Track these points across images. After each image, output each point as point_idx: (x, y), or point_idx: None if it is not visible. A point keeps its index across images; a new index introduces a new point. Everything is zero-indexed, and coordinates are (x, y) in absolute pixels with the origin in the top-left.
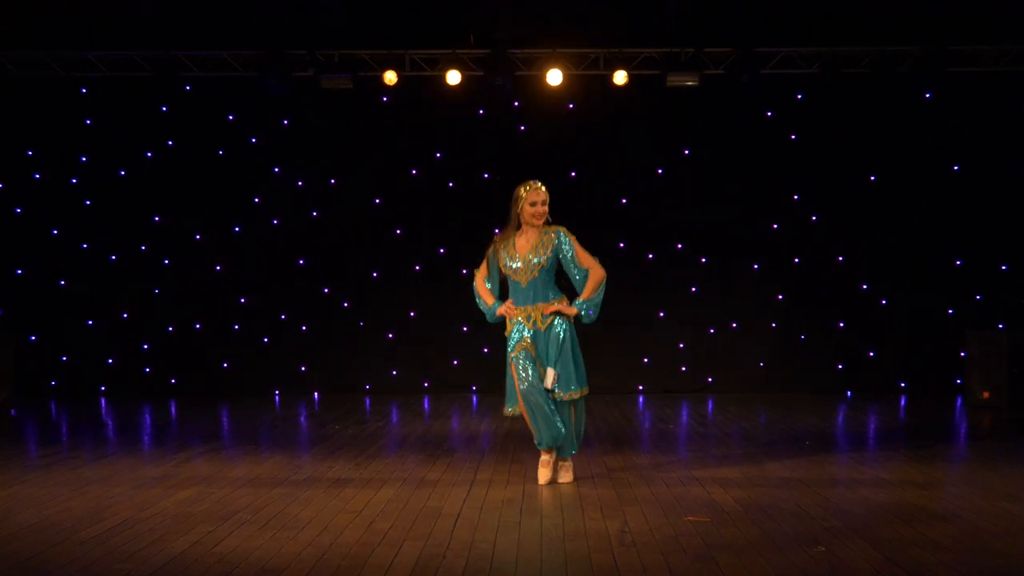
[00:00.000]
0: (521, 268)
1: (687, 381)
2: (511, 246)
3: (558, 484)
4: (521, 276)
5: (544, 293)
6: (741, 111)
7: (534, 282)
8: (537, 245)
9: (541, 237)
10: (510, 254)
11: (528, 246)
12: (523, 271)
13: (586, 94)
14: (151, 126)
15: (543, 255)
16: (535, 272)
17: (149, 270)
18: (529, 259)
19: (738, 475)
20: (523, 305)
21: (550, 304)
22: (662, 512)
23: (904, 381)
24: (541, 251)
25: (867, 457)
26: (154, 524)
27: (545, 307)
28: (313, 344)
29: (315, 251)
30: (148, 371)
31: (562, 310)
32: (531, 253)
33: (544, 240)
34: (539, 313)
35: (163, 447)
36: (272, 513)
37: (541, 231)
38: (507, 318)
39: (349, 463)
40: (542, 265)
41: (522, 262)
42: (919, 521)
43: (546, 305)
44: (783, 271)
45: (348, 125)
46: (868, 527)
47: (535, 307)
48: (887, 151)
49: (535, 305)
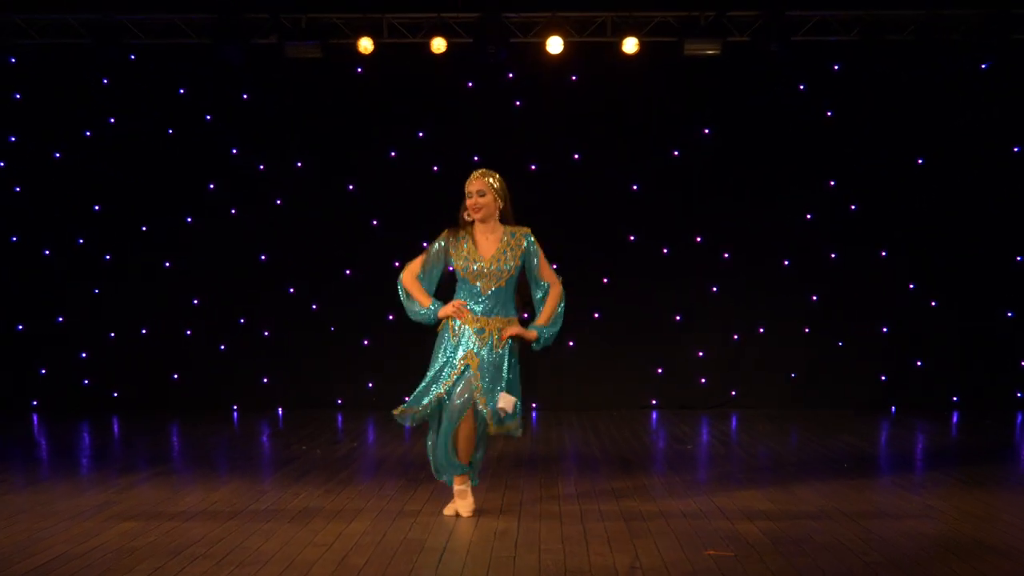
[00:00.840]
0: (486, 272)
1: (707, 395)
2: (470, 242)
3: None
4: (485, 281)
5: (505, 307)
6: (769, 84)
7: (498, 292)
8: (505, 248)
9: (508, 239)
10: (469, 253)
11: (493, 247)
12: (488, 276)
13: (591, 64)
14: (90, 101)
15: (513, 261)
16: (503, 280)
17: (87, 267)
18: (497, 263)
19: (766, 503)
20: (482, 315)
21: (508, 326)
22: (678, 545)
23: (957, 395)
24: (511, 256)
25: (914, 483)
26: (93, 560)
27: (504, 327)
28: (277, 352)
29: (279, 245)
30: (87, 383)
31: (522, 334)
32: (499, 256)
33: (512, 243)
34: (495, 328)
35: (104, 471)
36: (229, 547)
37: (508, 231)
38: (449, 320)
39: (318, 489)
40: (511, 273)
41: (487, 264)
42: (974, 557)
43: (503, 322)
44: (818, 268)
45: (316, 100)
46: (915, 563)
47: (492, 320)
48: (937, 130)
49: (493, 318)
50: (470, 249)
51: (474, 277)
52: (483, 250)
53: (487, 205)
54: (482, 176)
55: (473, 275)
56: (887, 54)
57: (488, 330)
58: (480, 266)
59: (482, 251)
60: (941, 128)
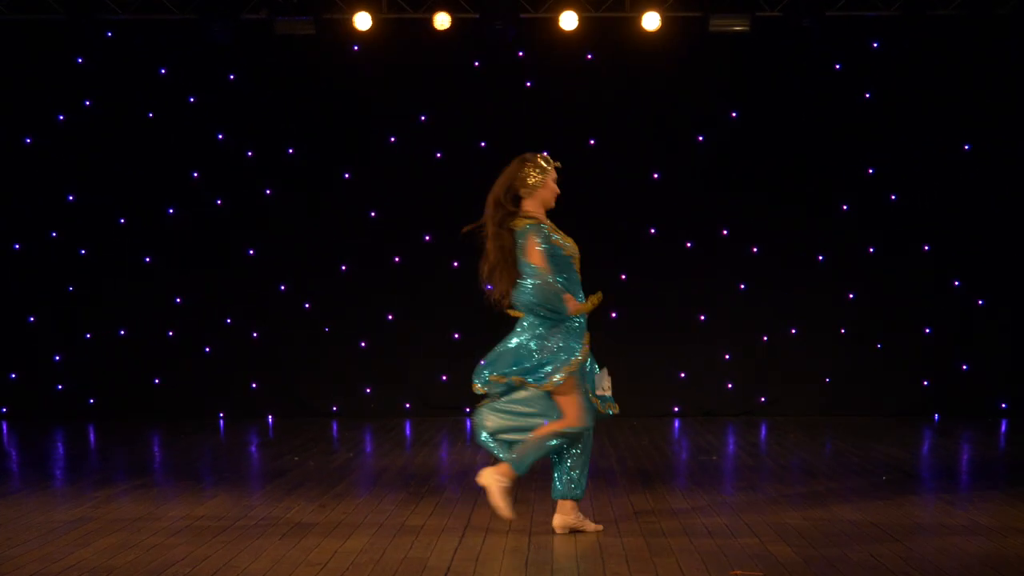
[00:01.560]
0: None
1: (734, 401)
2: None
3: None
4: (578, 264)
5: None
6: (802, 63)
7: None
8: None
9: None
10: (564, 241)
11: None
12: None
13: (608, 42)
14: (64, 82)
15: None
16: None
17: (61, 262)
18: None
19: (798, 519)
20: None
21: None
22: (703, 565)
23: (1006, 402)
24: None
25: (959, 497)
26: None
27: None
28: (266, 355)
29: (268, 239)
30: (61, 389)
31: None
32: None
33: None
34: None
35: (79, 483)
36: (216, 566)
37: None
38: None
39: (311, 503)
40: None
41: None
42: None
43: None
44: (855, 264)
45: (309, 81)
46: None
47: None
48: (984, 114)
49: None
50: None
51: (577, 262)
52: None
53: None
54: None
55: (578, 261)
56: (930, 30)
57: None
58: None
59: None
60: (989, 111)
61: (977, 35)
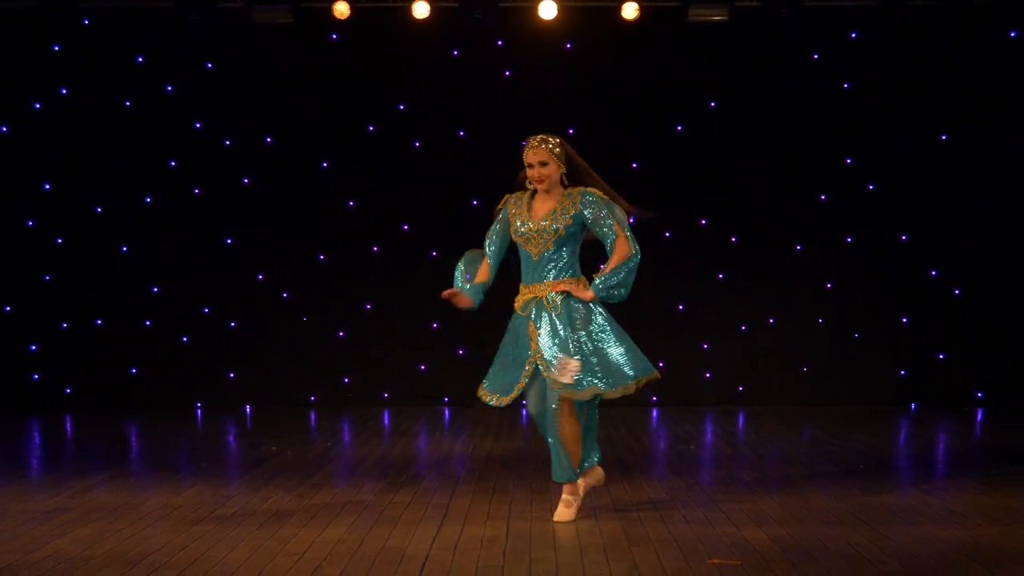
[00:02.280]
0: (533, 235)
1: (712, 391)
2: (524, 207)
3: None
4: (532, 246)
5: (563, 270)
6: (780, 53)
7: (547, 256)
8: (556, 210)
9: (563, 199)
10: (522, 216)
11: (545, 209)
12: (535, 239)
13: (587, 31)
14: (39, 70)
15: (563, 221)
16: (550, 242)
17: (37, 251)
18: (544, 223)
19: (775, 508)
20: (531, 283)
21: (559, 283)
22: (681, 554)
23: (982, 391)
24: (560, 217)
25: (935, 485)
26: (44, 570)
27: (553, 285)
28: (244, 345)
29: (246, 228)
30: (37, 379)
31: (573, 291)
32: (548, 218)
33: (566, 203)
34: (545, 295)
35: (56, 473)
36: (193, 556)
37: (564, 192)
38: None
39: (289, 493)
40: (559, 234)
41: (535, 226)
42: (998, 565)
43: (551, 285)
44: (832, 254)
45: (288, 70)
46: (935, 572)
47: (541, 286)
48: (962, 104)
49: (542, 284)
50: (523, 213)
51: (524, 241)
52: (535, 212)
53: (551, 175)
54: (540, 144)
55: (523, 239)
56: (908, 21)
57: (539, 298)
58: (528, 228)
59: (534, 213)
60: (966, 102)
61: (954, 25)
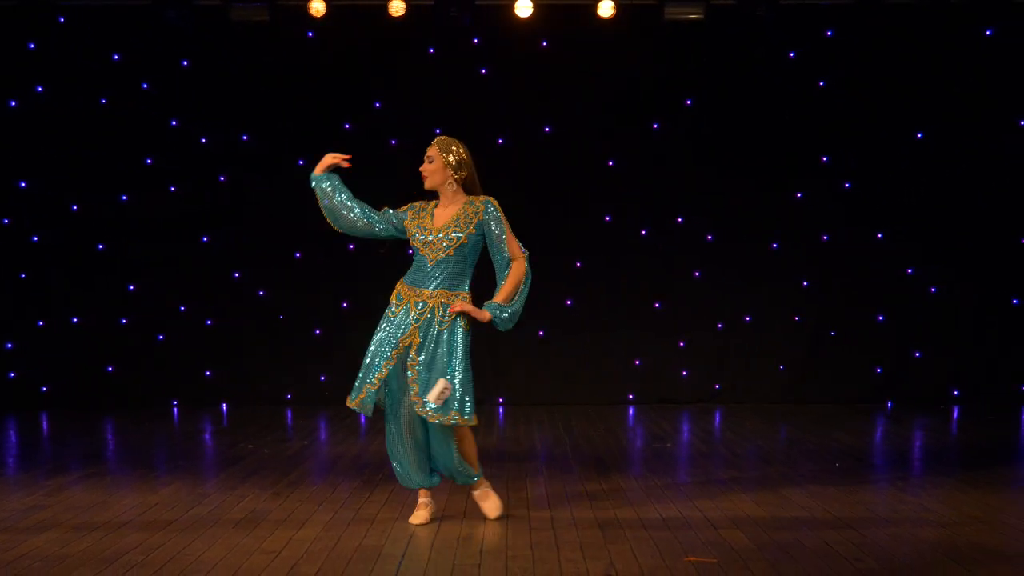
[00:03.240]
0: (433, 242)
1: (688, 389)
2: (428, 216)
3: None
4: (431, 251)
5: (454, 280)
6: (756, 51)
7: (446, 263)
8: (459, 217)
9: (465, 208)
10: (423, 223)
11: (447, 217)
12: (435, 246)
13: (563, 29)
14: (15, 67)
15: (465, 230)
16: (450, 250)
17: (13, 249)
18: (446, 231)
19: (751, 506)
20: (420, 287)
21: (455, 300)
22: (657, 552)
23: (958, 389)
24: (463, 225)
25: (911, 483)
26: (20, 569)
27: (450, 302)
28: (220, 343)
29: (222, 226)
30: (12, 377)
31: (471, 312)
32: (450, 225)
33: (468, 211)
34: (438, 303)
35: (32, 472)
36: (169, 554)
37: (466, 201)
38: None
39: (265, 492)
40: (461, 242)
41: (435, 233)
42: (975, 562)
43: (448, 296)
44: (809, 252)
45: (264, 68)
46: (912, 570)
47: (436, 293)
48: (938, 102)
49: (436, 291)
50: (425, 220)
51: (422, 247)
52: (437, 220)
53: (434, 172)
54: (435, 143)
55: (421, 245)
56: (884, 19)
57: (431, 304)
58: (428, 237)
59: (436, 221)
60: (942, 100)
61: (931, 23)
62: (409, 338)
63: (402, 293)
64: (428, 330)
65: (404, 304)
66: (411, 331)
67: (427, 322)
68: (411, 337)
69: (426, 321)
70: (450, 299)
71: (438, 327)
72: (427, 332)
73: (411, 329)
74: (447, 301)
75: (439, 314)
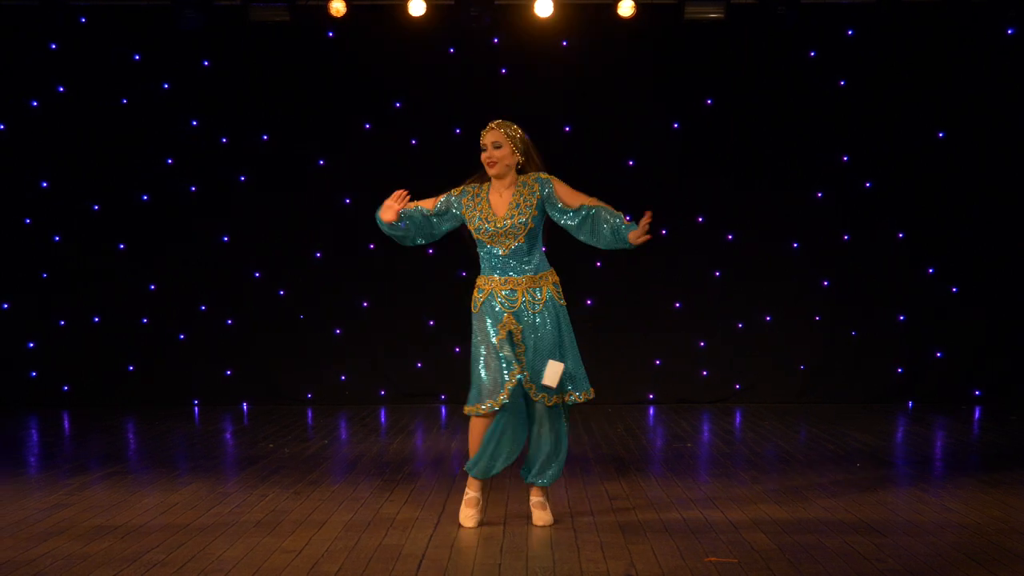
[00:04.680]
0: (501, 232)
1: (709, 389)
2: (484, 203)
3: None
4: (501, 242)
5: (532, 260)
6: (777, 51)
7: (519, 249)
8: (518, 202)
9: (520, 190)
10: (483, 213)
11: (505, 204)
12: (503, 236)
13: (584, 29)
14: (36, 68)
15: (528, 212)
16: (520, 237)
17: (35, 249)
18: (512, 220)
19: (772, 506)
20: (499, 275)
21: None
22: (677, 552)
23: (980, 389)
24: (525, 208)
25: (932, 484)
26: (41, 568)
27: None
28: (241, 343)
29: (243, 226)
30: (34, 376)
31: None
32: (513, 212)
33: (525, 193)
34: (527, 288)
35: (53, 471)
36: (190, 554)
37: (518, 183)
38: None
39: (286, 491)
40: (529, 227)
41: (502, 224)
42: (997, 564)
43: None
44: (829, 251)
45: (284, 68)
46: (933, 571)
47: (523, 279)
48: (959, 102)
49: (523, 277)
50: (483, 209)
51: (490, 238)
52: (496, 208)
53: (503, 158)
54: (498, 127)
55: (489, 236)
56: (905, 18)
57: (520, 291)
58: (493, 227)
59: (496, 209)
60: (963, 99)
61: (951, 22)
62: (507, 327)
63: (484, 287)
64: (523, 316)
65: (493, 297)
66: (506, 319)
67: (521, 309)
68: (509, 326)
69: (520, 308)
70: (537, 281)
71: (532, 310)
72: (523, 318)
73: (506, 318)
74: (535, 285)
75: (528, 299)
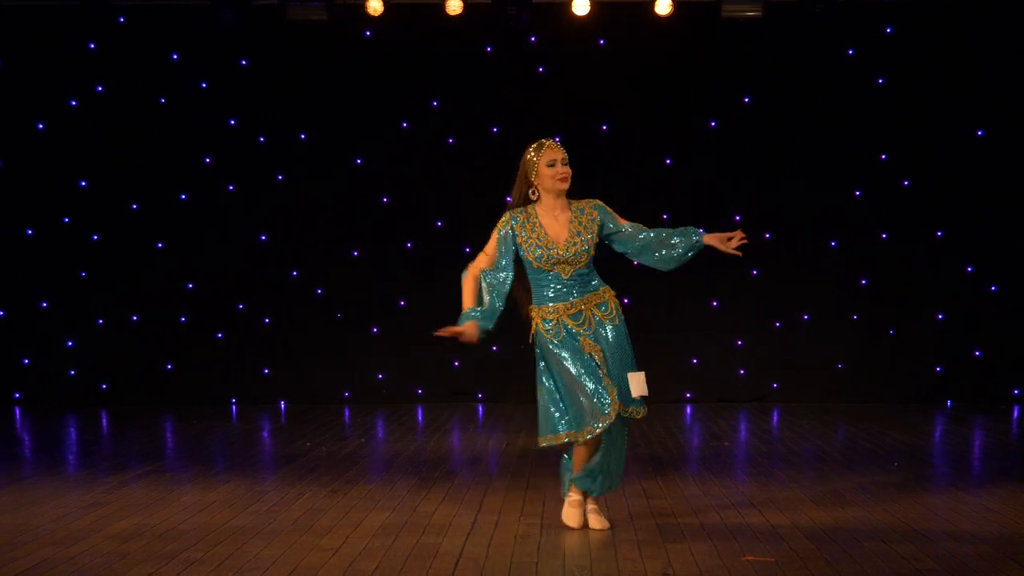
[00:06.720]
0: (566, 259)
1: (746, 388)
2: (539, 228)
3: None
4: (563, 268)
5: (590, 282)
6: (815, 49)
7: (580, 273)
8: (578, 228)
9: (578, 216)
10: (542, 240)
11: (564, 229)
12: (567, 262)
13: (621, 27)
14: (76, 67)
15: (591, 240)
16: (583, 261)
17: (73, 248)
18: (574, 246)
19: (810, 505)
20: (562, 301)
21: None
22: (715, 551)
23: (1018, 388)
24: (586, 234)
25: (971, 483)
26: (80, 565)
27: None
28: (278, 341)
29: (281, 225)
30: (73, 374)
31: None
32: (575, 240)
33: (584, 220)
34: (592, 306)
35: (92, 469)
36: (228, 552)
37: (575, 207)
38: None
39: (323, 489)
40: (591, 254)
41: (563, 250)
42: None
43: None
44: (867, 250)
45: (322, 67)
46: (972, 571)
47: (585, 299)
48: (998, 99)
49: (584, 297)
50: (540, 234)
51: (551, 265)
52: (554, 234)
53: (570, 174)
54: (561, 147)
55: (550, 263)
56: (943, 15)
57: (586, 310)
58: (556, 253)
59: (553, 235)
60: (1002, 97)
61: (991, 20)
62: (587, 349)
63: (550, 318)
64: (598, 336)
65: (563, 326)
66: (584, 342)
67: (591, 329)
68: (588, 348)
69: (590, 329)
70: (600, 296)
71: (603, 329)
72: (598, 338)
73: (583, 341)
74: (600, 300)
75: (591, 315)
